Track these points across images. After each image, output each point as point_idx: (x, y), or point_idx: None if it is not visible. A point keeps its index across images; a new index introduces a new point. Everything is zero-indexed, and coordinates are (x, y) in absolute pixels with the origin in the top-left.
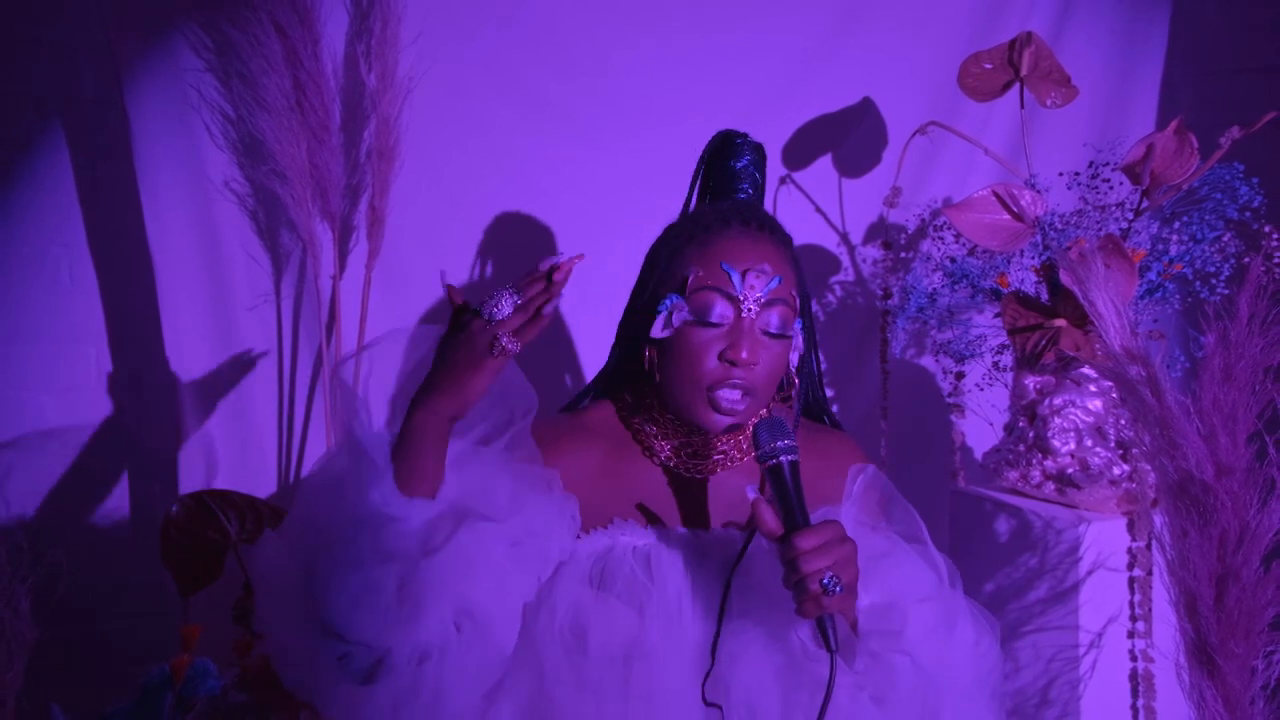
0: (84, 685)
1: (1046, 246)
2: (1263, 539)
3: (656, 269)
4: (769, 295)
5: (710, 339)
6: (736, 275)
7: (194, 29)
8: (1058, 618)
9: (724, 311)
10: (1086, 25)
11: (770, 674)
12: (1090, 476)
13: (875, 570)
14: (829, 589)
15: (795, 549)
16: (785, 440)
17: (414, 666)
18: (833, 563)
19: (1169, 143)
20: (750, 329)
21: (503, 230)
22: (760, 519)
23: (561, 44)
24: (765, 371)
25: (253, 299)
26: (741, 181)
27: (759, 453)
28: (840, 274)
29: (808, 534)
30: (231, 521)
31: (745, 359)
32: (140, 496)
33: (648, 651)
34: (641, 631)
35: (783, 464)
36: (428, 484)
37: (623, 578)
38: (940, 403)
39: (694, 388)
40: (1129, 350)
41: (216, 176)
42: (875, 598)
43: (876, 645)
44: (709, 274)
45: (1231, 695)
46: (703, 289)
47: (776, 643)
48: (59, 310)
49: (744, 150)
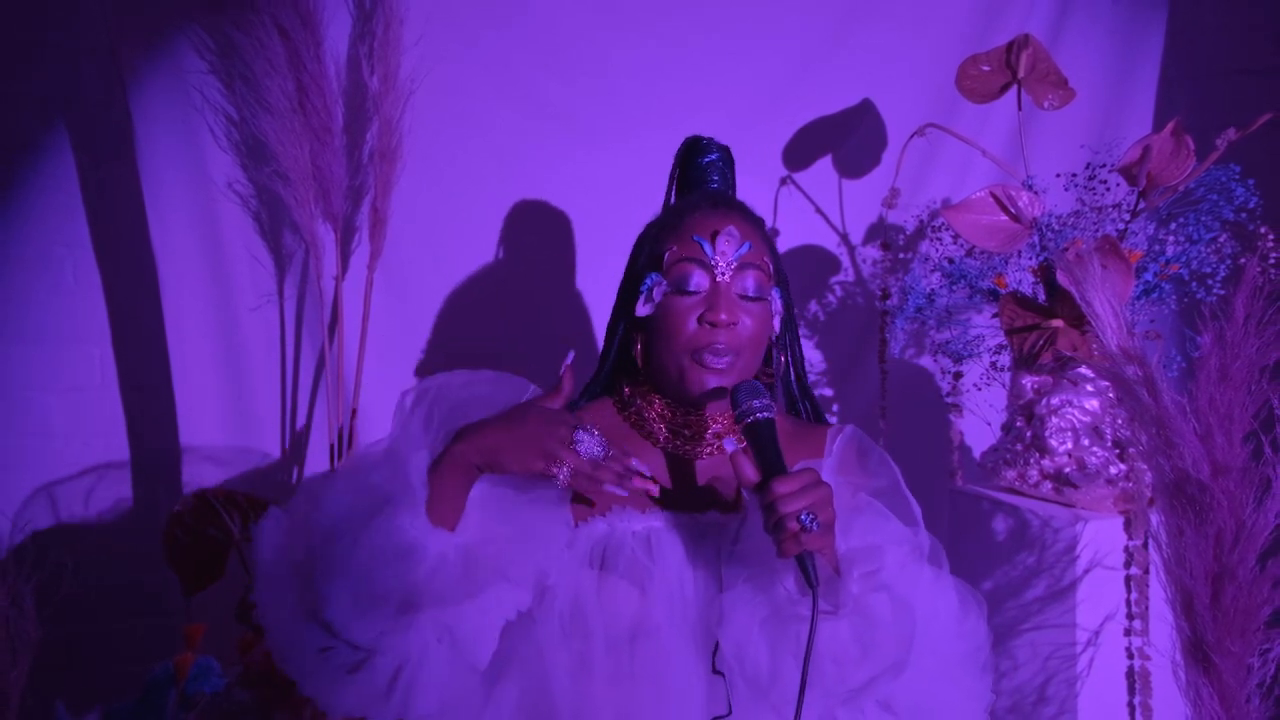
0: (88, 683)
1: (1044, 247)
2: (1258, 538)
3: (638, 261)
4: (739, 259)
5: (689, 306)
6: (707, 243)
7: (197, 31)
8: (1055, 616)
9: (700, 280)
10: (1084, 28)
11: (756, 624)
12: (1087, 475)
13: (855, 520)
14: (806, 526)
15: (773, 493)
16: (761, 399)
17: (390, 671)
18: (809, 503)
19: (1165, 144)
20: (727, 291)
21: (504, 231)
22: (739, 469)
23: (562, 46)
24: (747, 333)
25: (256, 299)
26: (710, 174)
27: (737, 412)
28: (840, 274)
29: (784, 479)
30: (234, 520)
31: (724, 319)
32: (144, 496)
33: (651, 630)
34: (645, 609)
35: (759, 420)
36: (451, 515)
37: (624, 560)
38: (939, 402)
39: (679, 355)
40: (1126, 350)
41: (220, 178)
42: (855, 543)
43: (857, 586)
44: (683, 248)
45: (1227, 693)
46: (679, 261)
47: (762, 595)
48: (63, 310)
49: (711, 149)
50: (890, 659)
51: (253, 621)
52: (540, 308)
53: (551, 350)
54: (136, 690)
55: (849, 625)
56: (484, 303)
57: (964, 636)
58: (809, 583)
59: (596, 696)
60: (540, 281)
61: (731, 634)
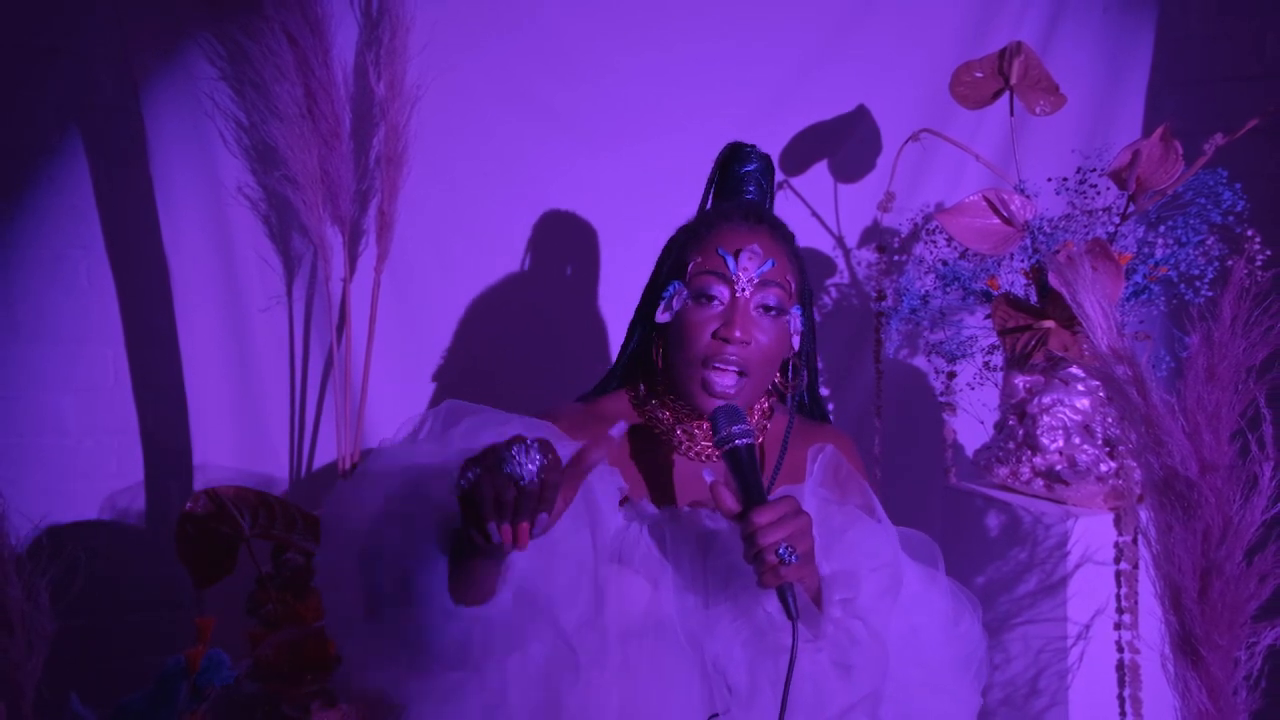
0: (102, 675)
1: (1036, 250)
2: (1245, 534)
3: (665, 264)
4: (761, 276)
5: (706, 318)
6: (730, 258)
7: (208, 38)
8: (1047, 610)
9: (720, 292)
10: (1074, 36)
11: (739, 644)
12: (1078, 473)
13: (839, 542)
14: (784, 559)
15: (752, 524)
16: (741, 425)
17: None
18: (788, 535)
19: (1154, 149)
20: (744, 307)
21: (509, 234)
22: (718, 500)
23: (565, 53)
24: (759, 352)
25: (265, 301)
26: (747, 184)
27: (717, 438)
28: (836, 276)
29: (763, 510)
30: (244, 517)
31: (738, 336)
32: (156, 493)
33: (660, 624)
34: (655, 604)
35: (739, 447)
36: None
37: (640, 554)
38: (933, 401)
39: (690, 366)
40: (1116, 350)
41: (230, 182)
42: (837, 565)
43: (837, 612)
44: (707, 260)
45: (1215, 685)
46: (701, 273)
47: (744, 617)
48: (77, 312)
49: (751, 158)
50: (868, 687)
51: (276, 646)
52: (544, 309)
53: (553, 350)
54: (149, 682)
55: (829, 652)
56: (489, 304)
57: (955, 642)
58: (788, 614)
59: (604, 690)
60: (544, 283)
61: (714, 648)
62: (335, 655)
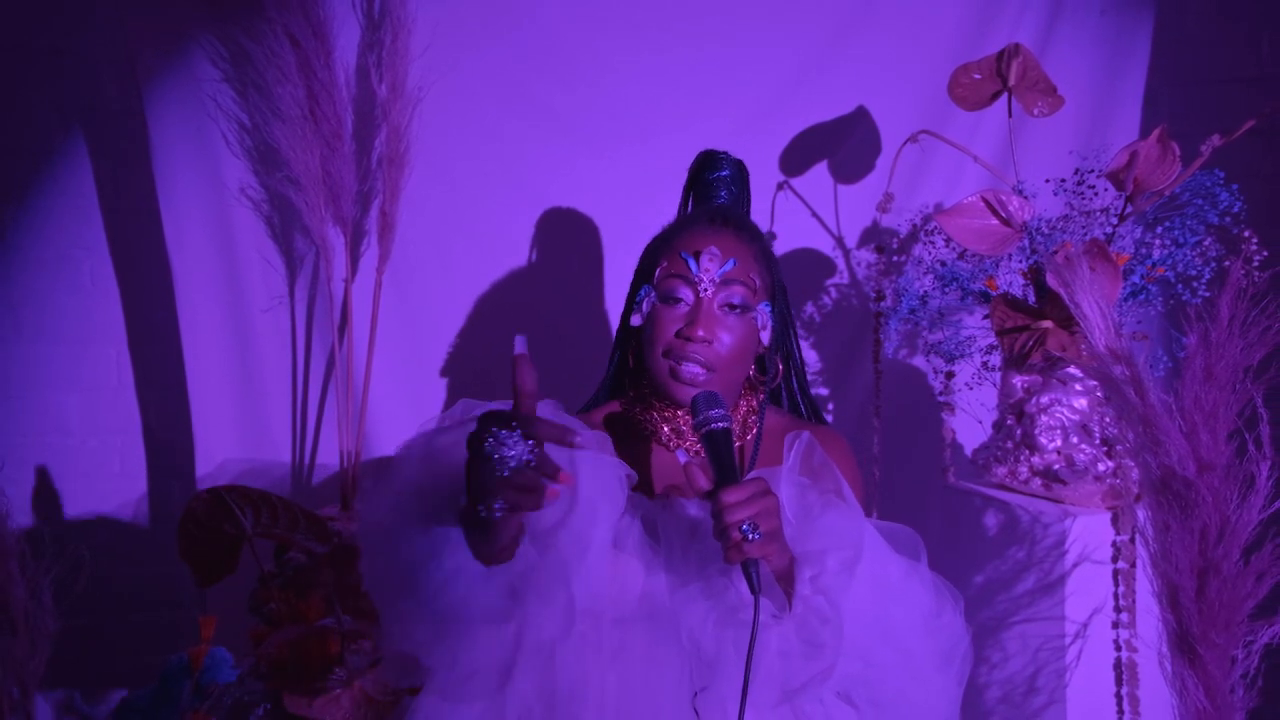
0: (105, 674)
1: (1034, 250)
2: (1242, 533)
3: (640, 272)
4: (723, 276)
5: (671, 318)
6: (692, 260)
7: (211, 41)
8: (1045, 609)
9: (684, 294)
10: (1072, 37)
11: (712, 621)
12: (1076, 472)
13: (814, 525)
14: (747, 536)
15: (720, 502)
16: (717, 409)
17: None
18: (754, 514)
19: (1152, 150)
20: (708, 307)
21: (510, 234)
22: (690, 478)
23: (565, 56)
24: (724, 349)
25: (267, 301)
26: (718, 190)
27: (695, 420)
28: (835, 277)
29: (733, 489)
30: (246, 516)
31: (700, 335)
32: (159, 492)
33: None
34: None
35: (715, 430)
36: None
37: (634, 542)
38: (931, 401)
39: (659, 362)
40: (1113, 351)
41: (233, 183)
42: (810, 547)
43: (807, 589)
44: (672, 263)
45: (1212, 683)
46: (667, 276)
47: (717, 596)
48: (80, 312)
49: (722, 164)
50: (827, 661)
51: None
52: (545, 309)
53: (554, 350)
54: (153, 680)
55: (796, 630)
56: (490, 304)
57: (936, 633)
58: (751, 589)
59: (600, 674)
60: (545, 283)
61: (689, 623)
62: (337, 653)
